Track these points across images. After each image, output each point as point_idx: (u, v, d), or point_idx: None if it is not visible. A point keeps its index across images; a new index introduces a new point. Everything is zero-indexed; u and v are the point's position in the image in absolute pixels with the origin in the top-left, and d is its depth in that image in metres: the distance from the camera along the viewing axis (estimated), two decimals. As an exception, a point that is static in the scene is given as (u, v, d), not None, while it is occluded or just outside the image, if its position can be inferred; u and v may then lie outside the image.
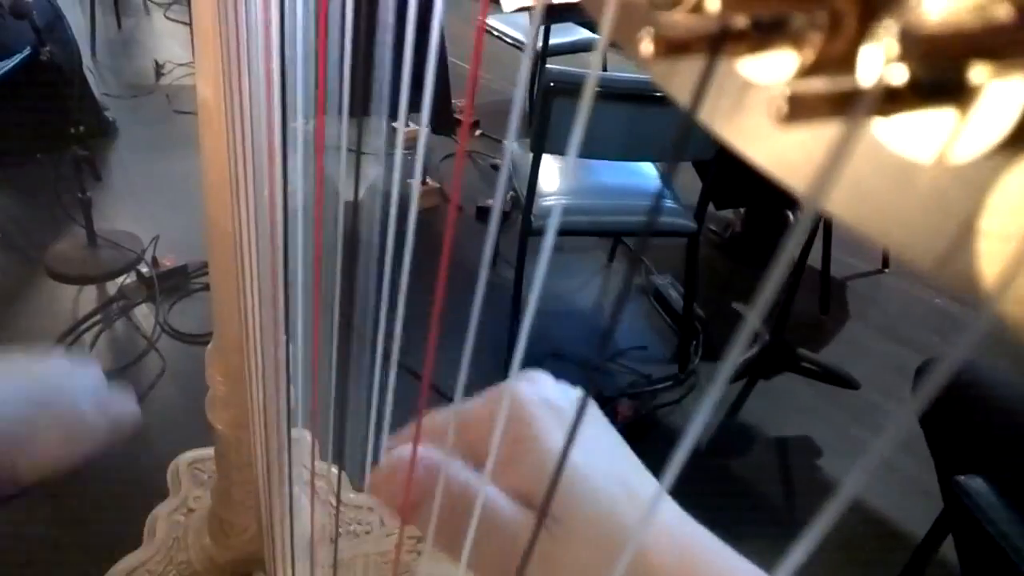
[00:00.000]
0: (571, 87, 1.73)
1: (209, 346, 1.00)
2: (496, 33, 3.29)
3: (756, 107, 0.14)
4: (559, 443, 0.30)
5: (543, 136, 1.80)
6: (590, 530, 0.29)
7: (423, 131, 0.32)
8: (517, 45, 3.24)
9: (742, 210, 2.74)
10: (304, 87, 0.59)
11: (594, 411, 0.34)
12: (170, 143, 3.03)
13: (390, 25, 0.32)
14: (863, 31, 0.12)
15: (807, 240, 1.93)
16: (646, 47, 0.13)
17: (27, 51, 2.59)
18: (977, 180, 0.11)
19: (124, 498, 1.52)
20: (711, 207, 2.23)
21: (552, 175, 2.05)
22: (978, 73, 0.11)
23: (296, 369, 0.76)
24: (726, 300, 2.38)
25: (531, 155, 1.85)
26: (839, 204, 0.13)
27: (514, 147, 2.19)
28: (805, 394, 2.10)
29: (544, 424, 0.31)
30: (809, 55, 0.12)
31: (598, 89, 1.78)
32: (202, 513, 1.11)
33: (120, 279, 2.26)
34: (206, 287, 2.21)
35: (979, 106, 0.11)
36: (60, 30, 2.78)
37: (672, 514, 0.31)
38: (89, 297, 2.22)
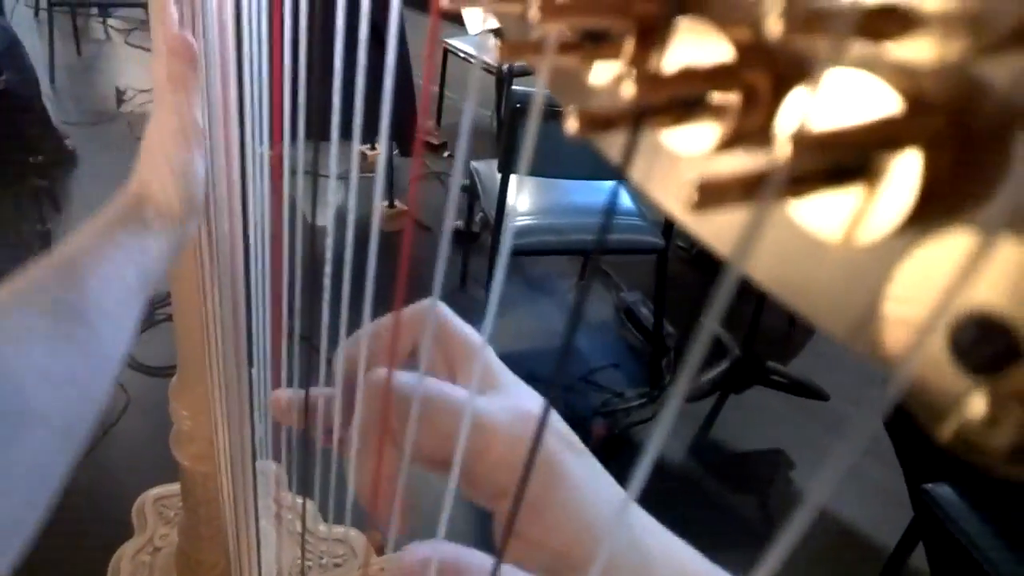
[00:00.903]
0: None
1: (173, 379, 0.98)
2: (462, 55, 3.30)
3: (683, 173, 0.15)
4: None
5: (511, 156, 1.81)
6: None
7: (382, 153, 0.31)
8: (486, 68, 3.25)
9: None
10: (262, 113, 0.58)
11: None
12: (132, 172, 2.99)
13: (350, 46, 0.32)
14: (778, 105, 0.13)
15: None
16: (572, 124, 0.13)
17: (-17, 80, 2.55)
18: (884, 257, 0.12)
19: (87, 538, 1.47)
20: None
21: (521, 195, 2.06)
22: (879, 157, 0.11)
23: (261, 399, 0.75)
24: (696, 315, 2.40)
25: (499, 175, 1.86)
26: (759, 271, 0.13)
27: (482, 168, 2.19)
28: (776, 407, 2.12)
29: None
30: (729, 127, 0.13)
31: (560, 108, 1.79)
32: (169, 551, 1.08)
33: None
34: (170, 318, 2.17)
35: (881, 187, 0.11)
36: (17, 57, 2.74)
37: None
38: (50, 330, 2.17)
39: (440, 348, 0.34)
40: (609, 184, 2.17)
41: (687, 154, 0.14)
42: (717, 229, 0.14)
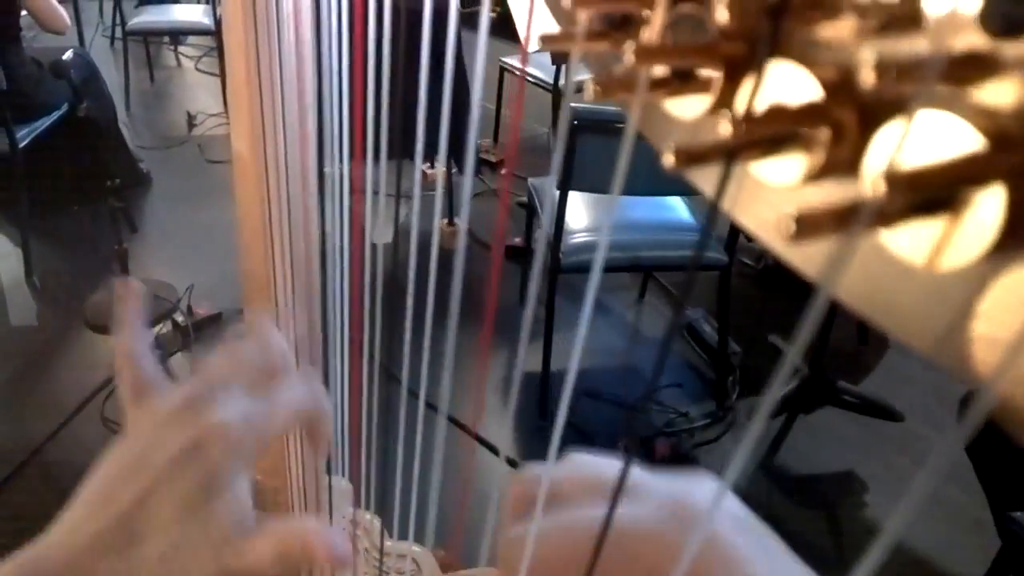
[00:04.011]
0: (596, 124, 1.74)
1: (245, 394, 1.00)
2: (518, 72, 3.33)
3: (771, 201, 0.16)
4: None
5: (569, 173, 1.81)
6: None
7: (440, 171, 0.31)
8: (539, 84, 3.27)
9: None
10: (337, 134, 0.60)
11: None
12: (203, 193, 3.10)
13: (422, 69, 0.32)
14: (865, 139, 0.13)
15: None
16: (668, 159, 0.14)
17: (64, 107, 2.68)
18: (970, 282, 0.12)
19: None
20: (742, 238, 2.21)
21: (579, 211, 2.05)
22: (964, 190, 0.12)
23: (335, 418, 0.76)
24: (761, 333, 2.35)
25: (557, 192, 1.86)
26: (848, 293, 0.14)
27: (540, 184, 2.19)
28: (847, 428, 2.06)
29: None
30: (817, 160, 0.14)
31: (622, 125, 1.78)
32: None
33: (156, 328, 2.29)
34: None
35: (966, 218, 0.12)
36: (96, 86, 2.87)
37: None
38: (126, 347, 2.24)
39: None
40: (668, 199, 2.15)
41: (776, 185, 0.15)
42: (806, 252, 0.15)
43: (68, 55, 2.66)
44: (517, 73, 3.32)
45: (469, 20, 0.32)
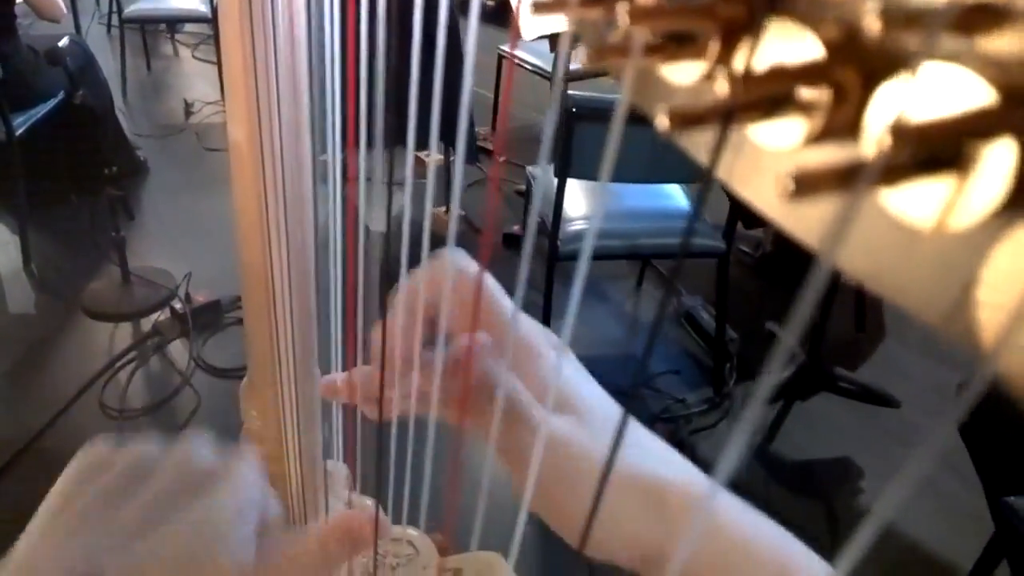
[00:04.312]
0: (593, 112, 1.74)
1: (243, 380, 1.00)
2: (516, 61, 3.31)
3: (769, 169, 0.15)
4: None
5: (567, 161, 1.80)
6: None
7: (432, 158, 0.31)
8: (538, 72, 3.26)
9: (772, 228, 2.72)
10: (331, 120, 0.59)
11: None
12: (201, 180, 3.09)
13: (416, 56, 0.32)
14: (867, 99, 0.13)
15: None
16: (661, 121, 0.14)
17: (61, 96, 2.66)
18: (977, 244, 0.12)
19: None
20: (740, 226, 2.21)
21: (578, 200, 2.05)
22: (971, 147, 0.12)
23: (332, 401, 0.76)
24: (759, 320, 2.35)
25: (556, 180, 1.85)
26: (849, 261, 0.14)
27: (538, 172, 2.19)
28: (844, 415, 2.06)
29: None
30: (817, 122, 0.13)
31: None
32: (239, 549, 1.10)
33: (154, 316, 2.29)
34: (239, 321, 2.23)
35: (974, 176, 0.12)
36: (92, 74, 2.86)
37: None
38: (124, 334, 2.25)
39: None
40: (665, 187, 2.15)
41: (775, 149, 0.14)
42: (806, 221, 0.14)
43: (64, 43, 2.64)
44: (510, 57, 3.31)
45: (465, 7, 0.32)
